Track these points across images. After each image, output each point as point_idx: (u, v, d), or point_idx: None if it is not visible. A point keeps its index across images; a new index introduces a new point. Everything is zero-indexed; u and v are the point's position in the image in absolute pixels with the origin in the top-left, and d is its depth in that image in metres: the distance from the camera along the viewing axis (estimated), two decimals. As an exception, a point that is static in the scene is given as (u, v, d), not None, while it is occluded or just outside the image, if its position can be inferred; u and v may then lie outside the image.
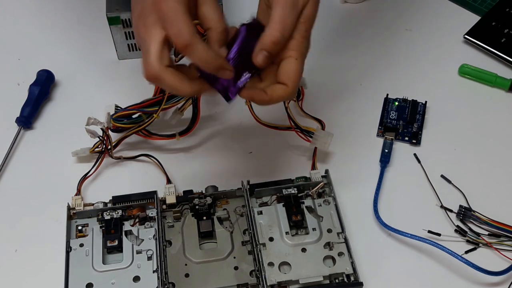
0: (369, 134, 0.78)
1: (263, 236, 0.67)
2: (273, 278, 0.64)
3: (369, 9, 0.92)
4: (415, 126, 0.78)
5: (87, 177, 0.73)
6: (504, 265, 0.64)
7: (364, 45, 0.87)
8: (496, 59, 0.85)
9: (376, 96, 0.81)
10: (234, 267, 0.66)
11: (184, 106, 0.74)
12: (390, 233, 0.69)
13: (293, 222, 0.68)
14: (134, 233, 0.68)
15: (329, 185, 0.71)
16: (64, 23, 0.89)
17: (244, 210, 0.70)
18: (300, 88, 0.80)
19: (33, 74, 0.82)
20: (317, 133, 0.73)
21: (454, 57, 0.85)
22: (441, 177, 0.74)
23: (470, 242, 0.68)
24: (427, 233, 0.68)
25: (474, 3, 0.91)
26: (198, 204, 0.69)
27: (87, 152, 0.74)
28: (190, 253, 0.67)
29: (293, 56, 0.57)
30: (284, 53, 0.57)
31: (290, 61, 0.57)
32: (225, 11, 0.82)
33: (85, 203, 0.70)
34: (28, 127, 0.79)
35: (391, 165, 0.75)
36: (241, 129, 0.79)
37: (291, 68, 0.57)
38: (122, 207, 0.69)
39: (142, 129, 0.73)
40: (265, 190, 0.71)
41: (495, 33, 0.86)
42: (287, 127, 0.73)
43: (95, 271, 0.65)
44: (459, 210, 0.70)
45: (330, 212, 0.69)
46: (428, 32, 0.89)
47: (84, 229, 0.69)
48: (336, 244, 0.67)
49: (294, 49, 0.57)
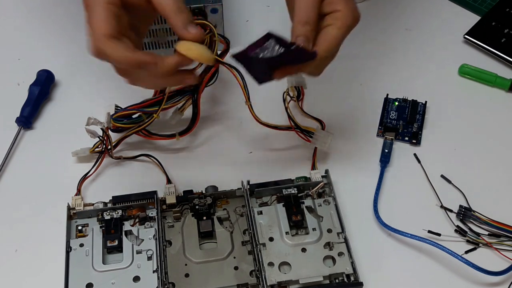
0: (369, 134, 0.78)
1: (263, 236, 0.67)
2: (273, 278, 0.64)
3: (369, 9, 0.92)
4: (415, 126, 0.78)
5: (87, 177, 0.73)
6: (504, 265, 0.64)
7: (364, 45, 0.87)
8: (496, 59, 0.85)
9: (376, 96, 0.81)
10: (234, 267, 0.66)
11: (184, 106, 0.74)
12: (390, 233, 0.69)
13: (293, 222, 0.68)
14: (134, 233, 0.68)
15: (329, 185, 0.71)
16: (64, 23, 0.89)
17: (244, 210, 0.70)
18: (300, 88, 0.80)
19: (33, 74, 0.82)
20: (317, 133, 0.73)
21: (454, 57, 0.85)
22: (441, 177, 0.74)
23: (470, 242, 0.68)
24: (427, 233, 0.68)
25: (474, 3, 0.91)
26: (198, 204, 0.69)
27: (87, 152, 0.74)
28: (190, 253, 0.67)
29: (331, 23, 0.58)
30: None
31: (327, 29, 0.59)
32: (225, 11, 0.82)
33: (85, 203, 0.70)
34: (28, 127, 0.79)
35: (391, 165, 0.75)
36: (241, 129, 0.79)
37: (328, 34, 0.59)
38: (122, 207, 0.69)
39: (142, 129, 0.73)
40: (265, 190, 0.71)
41: (495, 33, 0.86)
42: (287, 127, 0.73)
43: (95, 271, 0.65)
44: (459, 210, 0.70)
45: (330, 212, 0.69)
46: (428, 32, 0.89)
47: (84, 229, 0.69)
48: (336, 244, 0.67)
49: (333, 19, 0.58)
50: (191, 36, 0.57)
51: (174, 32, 0.58)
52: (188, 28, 0.57)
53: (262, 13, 0.92)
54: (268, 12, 0.92)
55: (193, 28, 0.57)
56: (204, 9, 0.80)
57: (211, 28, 0.72)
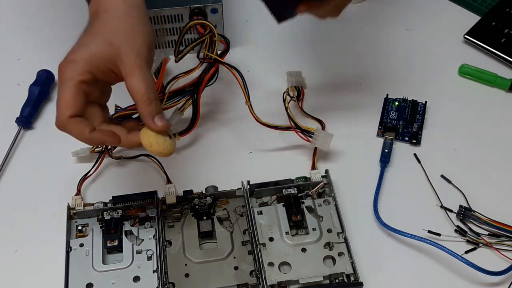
0: (369, 134, 0.78)
1: (263, 236, 0.67)
2: (273, 278, 0.64)
3: (369, 9, 0.92)
4: (415, 126, 0.78)
5: (87, 177, 0.73)
6: (504, 265, 0.64)
7: (364, 45, 0.87)
8: (496, 59, 0.85)
9: (376, 96, 0.81)
10: (234, 267, 0.66)
11: (184, 106, 0.74)
12: (390, 233, 0.69)
13: (293, 222, 0.68)
14: (134, 233, 0.68)
15: (329, 185, 0.71)
16: (64, 23, 0.89)
17: (244, 210, 0.70)
18: (300, 88, 0.80)
19: (33, 74, 0.82)
20: (317, 133, 0.73)
21: (454, 57, 0.85)
22: (441, 177, 0.74)
23: (470, 242, 0.68)
24: (427, 233, 0.68)
25: (474, 3, 0.91)
26: (198, 204, 0.69)
27: (87, 152, 0.74)
28: (190, 253, 0.67)
29: None
30: None
31: None
32: (225, 11, 0.82)
33: (85, 203, 0.70)
34: (28, 127, 0.79)
35: (391, 165, 0.75)
36: (241, 129, 0.79)
37: None
38: (122, 207, 0.69)
39: (142, 129, 0.73)
40: (265, 190, 0.71)
41: (495, 33, 0.86)
42: (287, 127, 0.73)
43: (95, 271, 0.65)
44: (459, 210, 0.70)
45: (330, 212, 0.69)
46: (428, 32, 0.89)
47: (84, 229, 0.69)
48: (336, 244, 0.67)
49: None
50: (155, 129, 0.57)
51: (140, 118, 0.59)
52: (155, 119, 0.57)
53: (262, 13, 0.91)
54: (268, 12, 0.92)
55: (159, 121, 0.57)
56: (204, 9, 0.80)
57: (211, 28, 0.73)
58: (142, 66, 0.57)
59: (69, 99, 0.55)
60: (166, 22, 0.81)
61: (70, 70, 0.56)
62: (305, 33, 0.89)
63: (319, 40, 0.88)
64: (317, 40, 0.88)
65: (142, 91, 0.56)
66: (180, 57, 0.73)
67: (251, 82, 0.73)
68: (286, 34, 0.89)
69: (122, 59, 0.56)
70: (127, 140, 0.58)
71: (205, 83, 0.73)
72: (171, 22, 0.81)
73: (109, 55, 0.56)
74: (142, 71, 0.57)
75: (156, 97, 0.57)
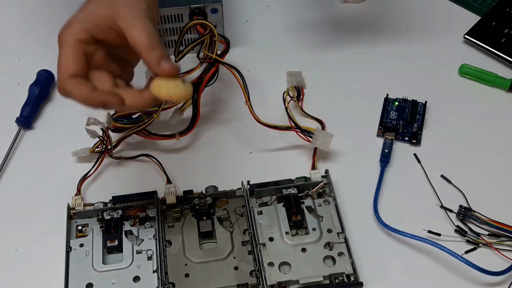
0: (369, 134, 0.78)
1: (263, 236, 0.67)
2: (273, 278, 0.64)
3: (369, 9, 0.92)
4: (415, 126, 0.78)
5: (87, 177, 0.73)
6: (504, 265, 0.64)
7: (364, 45, 0.87)
8: (496, 59, 0.85)
9: (376, 96, 0.81)
10: (234, 267, 0.66)
11: (184, 106, 0.75)
12: (390, 233, 0.69)
13: (293, 222, 0.68)
14: (134, 233, 0.68)
15: (329, 185, 0.71)
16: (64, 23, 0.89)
17: (244, 210, 0.70)
18: (300, 88, 0.80)
19: (33, 74, 0.82)
20: (317, 133, 0.73)
21: (454, 57, 0.85)
22: (441, 177, 0.74)
23: (470, 242, 0.68)
24: (427, 233, 0.68)
25: (474, 3, 0.91)
26: (198, 204, 0.69)
27: (87, 152, 0.74)
28: (190, 253, 0.67)
29: None
30: None
31: None
32: (225, 11, 0.82)
33: (85, 203, 0.70)
34: (28, 127, 0.79)
35: (391, 165, 0.75)
36: (241, 129, 0.79)
37: None
38: (122, 207, 0.69)
39: (142, 129, 0.73)
40: (265, 190, 0.71)
41: (495, 33, 0.86)
42: (287, 127, 0.73)
43: (95, 271, 0.65)
44: (459, 210, 0.70)
45: (330, 212, 0.69)
46: (428, 32, 0.89)
47: (84, 229, 0.69)
48: (336, 244, 0.67)
49: None
50: (163, 72, 0.54)
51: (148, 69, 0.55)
52: (161, 63, 0.54)
53: (262, 13, 0.92)
54: (268, 12, 0.92)
55: (166, 64, 0.54)
56: (204, 9, 0.80)
57: (211, 28, 0.73)
58: (141, 17, 0.54)
59: (67, 59, 0.53)
60: (166, 22, 0.81)
61: (66, 33, 0.54)
62: (305, 33, 0.89)
63: (319, 40, 0.88)
64: (317, 40, 0.88)
65: (144, 40, 0.53)
66: (180, 57, 0.74)
67: (251, 82, 0.73)
68: (286, 34, 0.89)
69: (120, 14, 0.54)
70: (141, 98, 0.54)
71: (205, 83, 0.73)
72: (171, 22, 0.81)
73: (106, 13, 0.55)
74: (142, 22, 0.54)
75: (159, 42, 0.54)
